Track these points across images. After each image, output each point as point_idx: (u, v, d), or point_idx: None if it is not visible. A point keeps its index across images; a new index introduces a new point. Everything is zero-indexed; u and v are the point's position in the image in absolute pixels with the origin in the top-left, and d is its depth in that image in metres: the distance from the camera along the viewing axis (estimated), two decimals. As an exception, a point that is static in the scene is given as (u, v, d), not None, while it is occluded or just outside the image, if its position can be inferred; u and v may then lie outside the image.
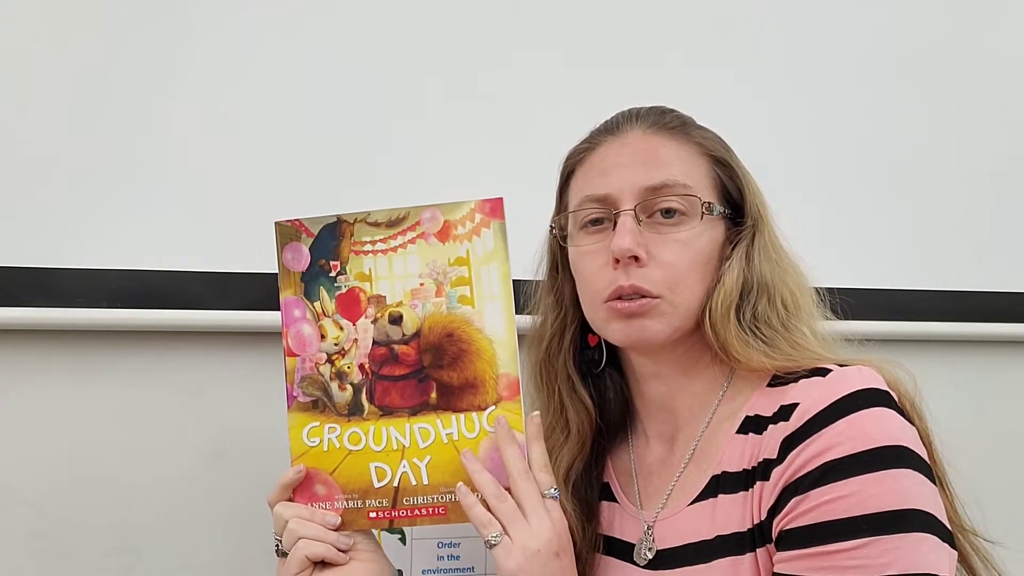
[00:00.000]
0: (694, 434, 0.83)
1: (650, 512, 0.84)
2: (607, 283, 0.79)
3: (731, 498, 0.76)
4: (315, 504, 0.80)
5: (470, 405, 0.79)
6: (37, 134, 1.00)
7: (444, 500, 0.79)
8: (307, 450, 0.81)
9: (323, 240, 0.82)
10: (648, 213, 0.80)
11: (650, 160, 0.81)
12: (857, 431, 0.68)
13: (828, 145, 1.28)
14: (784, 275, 0.82)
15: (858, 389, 0.70)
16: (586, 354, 0.90)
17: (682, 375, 0.83)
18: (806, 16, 1.28)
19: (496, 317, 0.79)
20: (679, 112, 0.87)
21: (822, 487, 0.67)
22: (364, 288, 0.82)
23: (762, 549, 0.72)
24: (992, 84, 1.36)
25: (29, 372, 0.98)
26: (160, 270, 1.00)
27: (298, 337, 0.82)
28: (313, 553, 0.77)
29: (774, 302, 0.80)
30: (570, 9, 1.18)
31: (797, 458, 0.70)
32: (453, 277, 0.81)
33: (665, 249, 0.79)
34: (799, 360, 0.76)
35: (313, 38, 1.09)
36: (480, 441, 0.79)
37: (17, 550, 0.96)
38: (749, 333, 0.78)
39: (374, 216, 0.82)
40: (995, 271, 1.32)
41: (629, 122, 0.85)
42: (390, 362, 0.81)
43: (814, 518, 0.67)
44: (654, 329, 0.79)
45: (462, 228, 0.81)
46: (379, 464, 0.80)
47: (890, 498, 0.66)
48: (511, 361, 0.79)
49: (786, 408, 0.73)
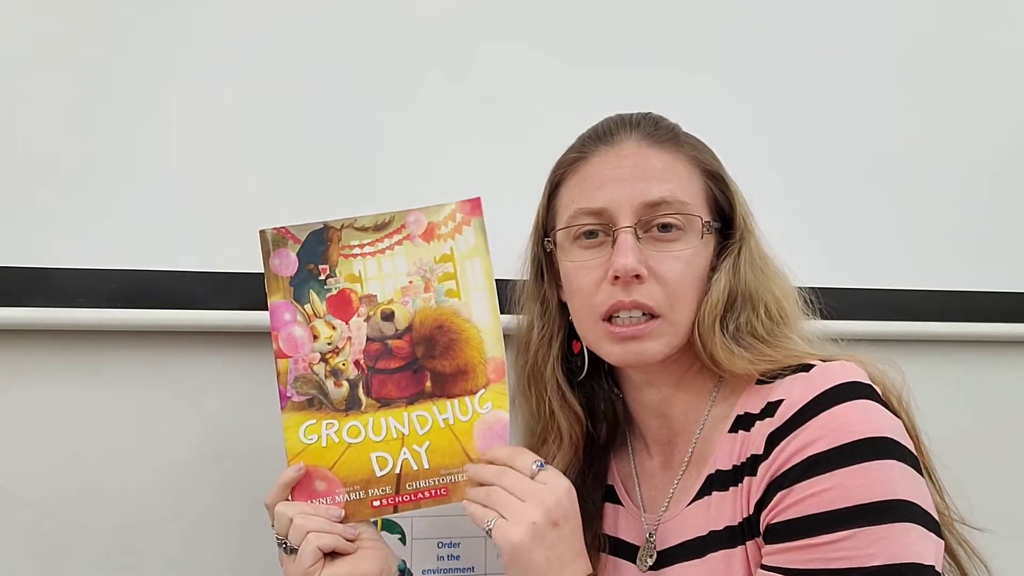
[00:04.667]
0: (690, 438, 0.83)
1: (653, 515, 0.85)
2: (604, 299, 0.79)
3: (723, 495, 0.77)
4: (316, 500, 0.82)
5: (463, 390, 0.84)
6: (37, 134, 0.99)
7: (445, 481, 0.83)
8: (304, 448, 0.83)
9: (310, 245, 0.85)
10: (645, 228, 0.79)
11: (647, 175, 0.80)
12: (839, 423, 0.69)
13: (826, 145, 1.27)
14: (769, 282, 0.82)
15: (840, 383, 0.71)
16: (571, 361, 0.90)
17: (673, 385, 0.84)
18: (803, 16, 1.27)
19: (482, 306, 0.85)
20: (668, 120, 0.86)
21: (806, 480, 0.68)
22: (355, 289, 0.85)
23: (751, 542, 0.74)
24: (990, 83, 1.35)
25: (29, 372, 0.97)
26: (160, 270, 1.00)
27: (290, 339, 0.84)
28: (324, 544, 0.78)
29: (758, 311, 0.80)
30: (570, 9, 1.17)
31: (782, 453, 0.71)
32: (440, 273, 0.85)
33: (665, 266, 0.79)
34: (782, 360, 0.77)
35: (312, 39, 1.08)
36: (473, 423, 0.83)
37: (17, 550, 0.96)
38: (732, 342, 0.78)
39: (360, 221, 0.86)
40: (992, 271, 1.32)
41: (623, 131, 0.83)
42: (385, 356, 0.85)
43: (799, 511, 0.68)
44: (653, 351, 0.79)
45: (445, 228, 0.86)
46: (380, 454, 0.83)
47: (874, 489, 0.66)
48: (497, 345, 0.84)
49: (772, 404, 0.74)
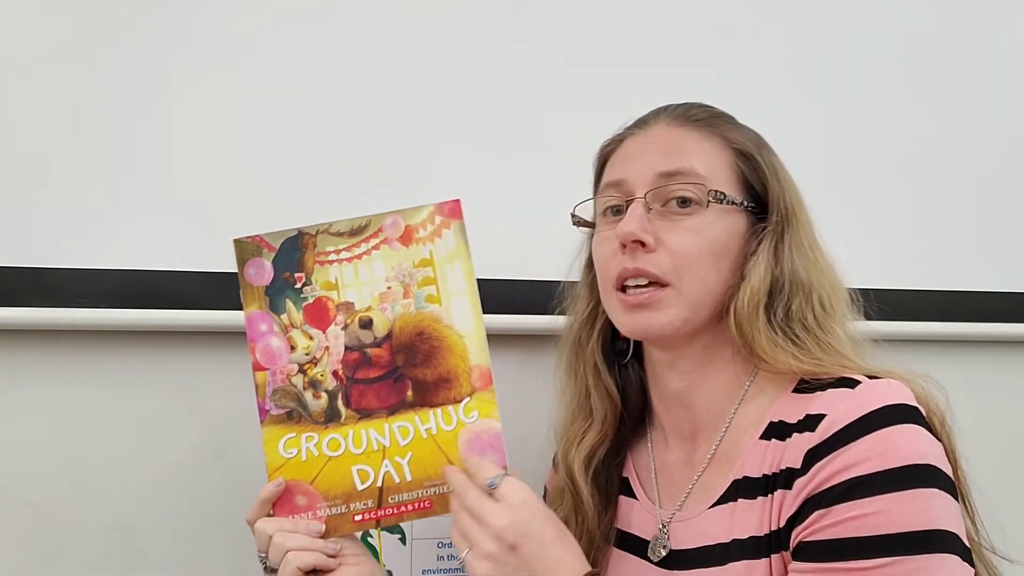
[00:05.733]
0: (715, 435, 0.82)
1: (668, 510, 0.84)
2: (615, 267, 0.80)
3: (750, 503, 0.75)
4: (297, 515, 0.81)
5: (446, 399, 0.81)
6: (37, 134, 0.99)
7: (429, 494, 0.81)
8: (284, 462, 0.82)
9: (285, 253, 0.83)
10: (662, 202, 0.79)
11: (667, 149, 0.81)
12: (886, 447, 0.67)
13: (826, 145, 1.27)
14: (820, 275, 0.80)
15: (887, 404, 0.69)
16: (616, 344, 0.90)
17: (699, 372, 0.82)
18: (809, 16, 1.27)
19: (463, 312, 0.82)
20: (714, 108, 0.86)
21: (847, 503, 0.66)
22: (331, 296, 0.83)
23: (776, 556, 0.72)
24: (992, 84, 1.35)
25: (29, 372, 0.97)
26: (160, 270, 1.00)
27: (266, 351, 0.83)
28: (304, 563, 0.77)
29: (811, 300, 0.78)
30: (570, 9, 1.17)
31: (822, 471, 0.69)
32: (419, 278, 0.82)
33: (674, 236, 0.78)
34: (827, 366, 0.74)
35: (313, 38, 1.07)
36: (458, 432, 0.81)
37: (17, 550, 0.96)
38: (779, 333, 0.77)
39: (336, 226, 0.83)
40: (993, 271, 1.32)
41: (658, 115, 0.85)
42: (364, 365, 0.82)
43: (836, 533, 0.67)
44: (660, 321, 0.78)
45: (423, 231, 0.82)
46: (361, 467, 0.81)
47: (916, 518, 0.65)
48: (481, 352, 0.81)
49: (812, 418, 0.71)
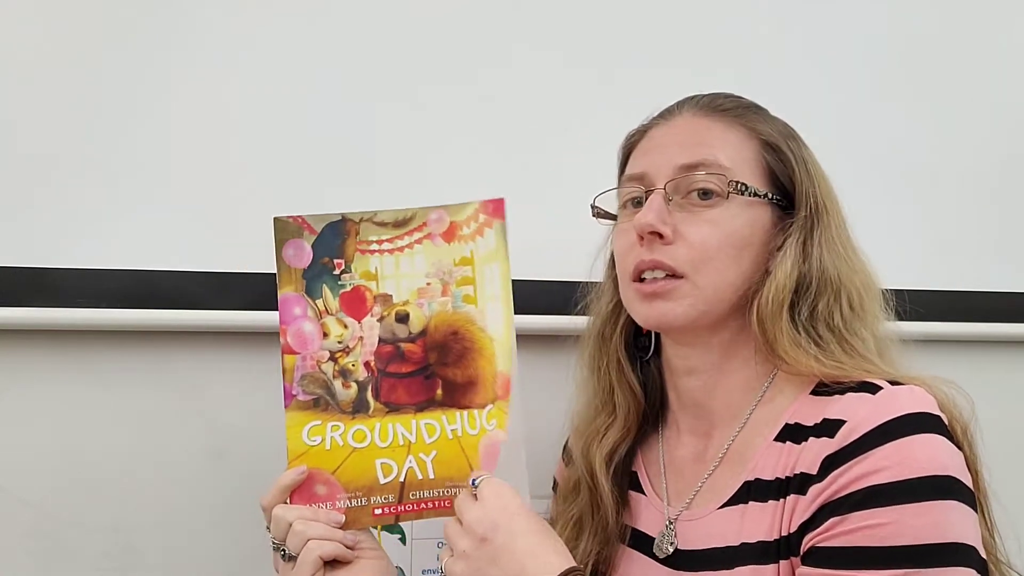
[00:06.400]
0: (729, 434, 0.80)
1: (675, 507, 0.82)
2: (632, 259, 0.78)
3: (761, 506, 0.74)
4: (316, 505, 0.79)
5: (472, 402, 0.80)
6: (37, 134, 0.99)
7: (449, 494, 0.79)
8: (307, 450, 0.80)
9: (326, 238, 0.81)
10: (683, 194, 0.78)
11: (690, 141, 0.80)
12: (904, 457, 0.65)
13: (826, 145, 1.27)
14: (852, 273, 0.78)
15: (908, 412, 0.67)
16: (640, 340, 0.89)
17: (718, 369, 0.81)
18: (809, 16, 1.27)
19: (497, 316, 0.81)
20: (743, 98, 0.84)
21: (863, 511, 0.65)
22: (370, 287, 0.81)
23: (785, 562, 0.70)
24: (994, 85, 1.34)
25: (29, 372, 0.97)
26: (160, 270, 0.99)
27: (299, 335, 0.81)
28: (326, 553, 0.75)
29: (839, 300, 0.76)
30: (571, 9, 1.17)
31: (839, 478, 0.67)
32: (458, 277, 0.81)
33: (692, 228, 0.77)
34: (848, 370, 0.73)
35: (313, 38, 1.08)
36: (480, 438, 0.79)
37: (17, 550, 0.96)
38: (803, 333, 0.75)
39: (381, 216, 0.82)
40: (993, 271, 1.32)
41: (682, 106, 0.84)
42: (396, 359, 0.81)
43: (849, 541, 0.65)
44: (675, 312, 0.77)
45: (467, 228, 0.81)
46: (385, 460, 0.80)
47: (932, 531, 0.64)
48: (506, 359, 0.80)
49: (830, 423, 0.70)
